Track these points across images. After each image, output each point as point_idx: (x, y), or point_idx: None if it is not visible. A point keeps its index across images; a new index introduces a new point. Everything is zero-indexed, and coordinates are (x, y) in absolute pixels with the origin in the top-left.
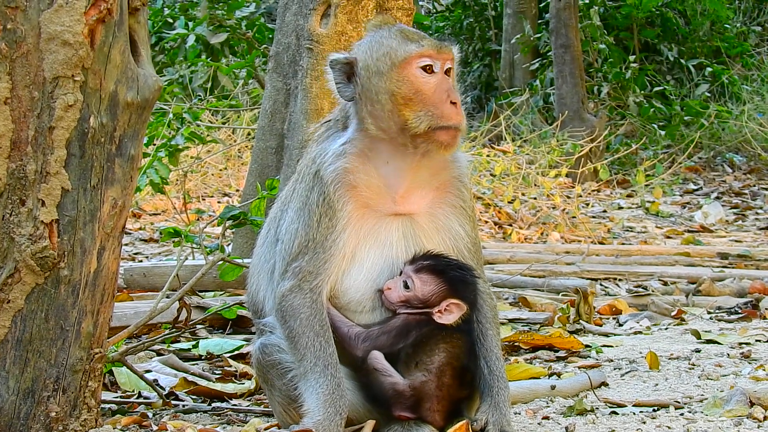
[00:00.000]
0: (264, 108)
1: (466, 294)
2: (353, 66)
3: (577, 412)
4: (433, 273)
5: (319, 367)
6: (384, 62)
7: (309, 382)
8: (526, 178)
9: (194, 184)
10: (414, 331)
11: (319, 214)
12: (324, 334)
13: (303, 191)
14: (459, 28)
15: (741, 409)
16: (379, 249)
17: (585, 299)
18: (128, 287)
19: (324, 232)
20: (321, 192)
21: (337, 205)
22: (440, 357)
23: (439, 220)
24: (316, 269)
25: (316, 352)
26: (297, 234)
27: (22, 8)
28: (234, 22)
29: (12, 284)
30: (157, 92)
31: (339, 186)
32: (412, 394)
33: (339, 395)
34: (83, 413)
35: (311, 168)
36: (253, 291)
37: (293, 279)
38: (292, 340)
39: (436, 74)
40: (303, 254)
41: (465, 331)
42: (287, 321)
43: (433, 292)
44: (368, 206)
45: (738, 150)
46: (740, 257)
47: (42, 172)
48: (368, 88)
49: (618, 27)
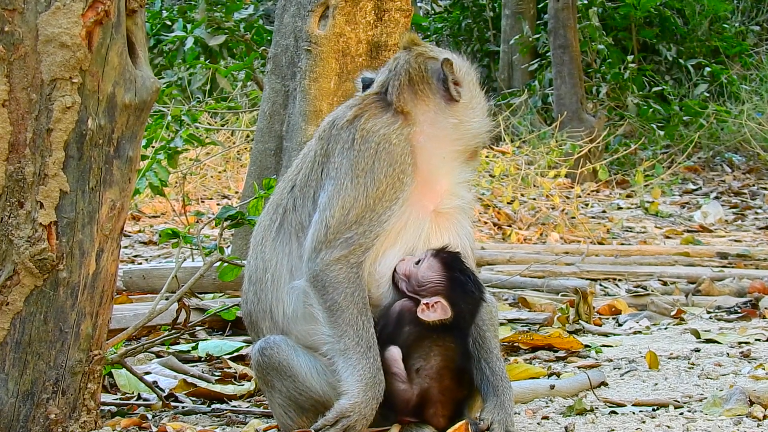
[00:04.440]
0: (263, 110)
1: (458, 300)
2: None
3: (576, 411)
4: (443, 265)
5: (362, 347)
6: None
7: (350, 361)
8: (525, 179)
9: (193, 186)
10: (407, 326)
11: (385, 184)
12: (367, 313)
13: (361, 160)
14: (457, 29)
15: (740, 408)
16: (412, 237)
17: (584, 299)
18: (127, 289)
19: (386, 204)
20: (392, 162)
21: (406, 180)
22: (436, 361)
23: (456, 220)
24: (367, 242)
25: (359, 331)
26: (355, 202)
27: (20, 10)
28: (232, 24)
29: (11, 286)
30: (155, 94)
31: (411, 162)
32: (418, 401)
33: (379, 380)
34: (83, 415)
35: (373, 137)
36: (265, 288)
37: (344, 249)
38: (333, 313)
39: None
40: (359, 224)
41: (456, 334)
42: (329, 292)
43: (431, 281)
44: (420, 192)
45: (737, 150)
46: (739, 257)
47: (40, 174)
48: (474, 96)
49: (616, 27)
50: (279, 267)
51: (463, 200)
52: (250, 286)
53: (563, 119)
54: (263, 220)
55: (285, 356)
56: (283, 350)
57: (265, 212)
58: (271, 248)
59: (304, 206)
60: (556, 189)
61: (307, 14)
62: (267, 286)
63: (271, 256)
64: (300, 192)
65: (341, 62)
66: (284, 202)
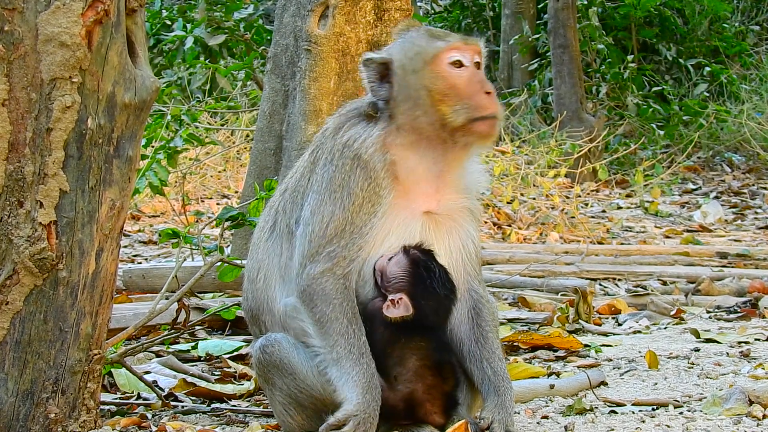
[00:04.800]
0: (262, 109)
1: (420, 298)
2: (388, 66)
3: (576, 411)
4: (409, 261)
5: (354, 354)
6: (417, 61)
7: (343, 369)
8: (525, 179)
9: (193, 185)
10: (379, 329)
11: (362, 198)
12: (356, 321)
13: (338, 174)
14: (457, 29)
15: (740, 408)
16: (401, 242)
17: (584, 299)
18: (127, 289)
19: (364, 217)
20: (366, 177)
21: (383, 192)
22: (412, 363)
23: (457, 223)
24: (350, 254)
25: (350, 340)
26: (333, 216)
27: (20, 10)
28: (232, 23)
29: (10, 286)
30: (155, 93)
31: (387, 174)
32: (405, 406)
33: (374, 384)
34: (82, 414)
35: (347, 151)
36: (258, 289)
37: (327, 262)
38: (323, 325)
39: (466, 68)
40: (340, 238)
41: (424, 330)
42: (318, 305)
43: (396, 276)
44: (405, 198)
45: (737, 149)
46: (739, 256)
47: (40, 173)
48: (405, 87)
49: (616, 27)
50: (270, 267)
51: (465, 200)
52: (248, 284)
53: (563, 119)
54: (261, 220)
55: (286, 354)
56: (284, 348)
57: (263, 213)
58: (264, 249)
59: (293, 210)
60: (556, 189)
61: (307, 14)
62: (261, 286)
63: (264, 256)
64: (290, 196)
65: (341, 62)
66: (276, 204)
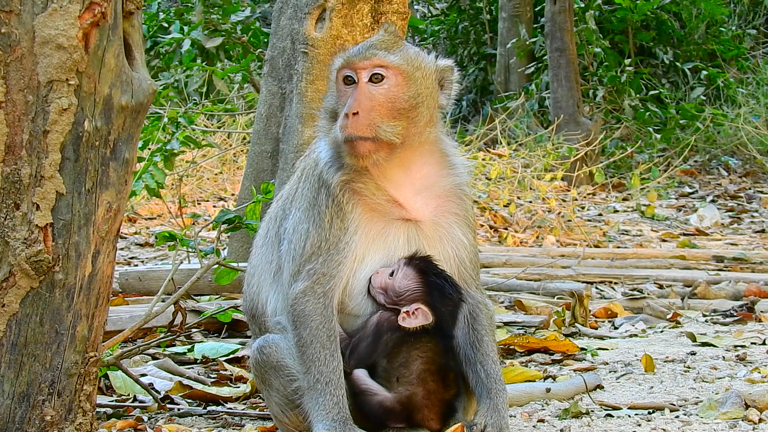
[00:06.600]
0: (259, 112)
1: (438, 305)
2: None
3: (572, 414)
4: (417, 272)
5: (321, 384)
6: (332, 75)
7: (312, 396)
8: (521, 182)
9: (190, 188)
10: (386, 335)
11: (330, 215)
12: (330, 346)
13: (309, 192)
14: (454, 32)
15: (736, 412)
16: (384, 253)
17: (580, 302)
18: (123, 291)
19: (336, 233)
20: (329, 195)
21: (346, 208)
22: (417, 366)
23: (443, 228)
24: (329, 271)
25: (319, 367)
26: (308, 234)
27: (17, 12)
28: (229, 26)
29: (6, 288)
30: (152, 96)
31: (344, 191)
32: (402, 409)
33: (342, 415)
34: (78, 417)
35: (315, 170)
36: (253, 292)
37: (307, 280)
38: (300, 348)
39: (355, 85)
40: (317, 255)
41: (434, 334)
42: (297, 328)
43: (409, 289)
44: (375, 210)
45: (733, 153)
46: (736, 260)
47: (36, 176)
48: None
49: (613, 30)
50: (261, 273)
51: (450, 204)
52: (246, 287)
53: (560, 122)
54: (261, 225)
55: (283, 355)
56: (282, 349)
57: (265, 217)
58: (258, 255)
59: (284, 219)
60: (553, 192)
61: (303, 17)
62: (255, 291)
63: (257, 262)
64: (282, 204)
65: None
66: (272, 211)
